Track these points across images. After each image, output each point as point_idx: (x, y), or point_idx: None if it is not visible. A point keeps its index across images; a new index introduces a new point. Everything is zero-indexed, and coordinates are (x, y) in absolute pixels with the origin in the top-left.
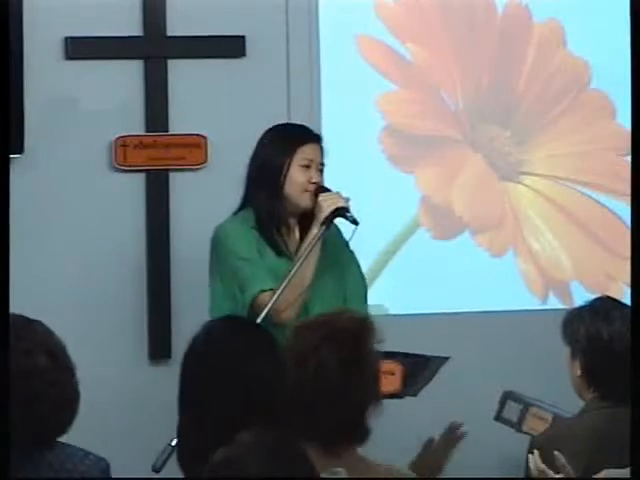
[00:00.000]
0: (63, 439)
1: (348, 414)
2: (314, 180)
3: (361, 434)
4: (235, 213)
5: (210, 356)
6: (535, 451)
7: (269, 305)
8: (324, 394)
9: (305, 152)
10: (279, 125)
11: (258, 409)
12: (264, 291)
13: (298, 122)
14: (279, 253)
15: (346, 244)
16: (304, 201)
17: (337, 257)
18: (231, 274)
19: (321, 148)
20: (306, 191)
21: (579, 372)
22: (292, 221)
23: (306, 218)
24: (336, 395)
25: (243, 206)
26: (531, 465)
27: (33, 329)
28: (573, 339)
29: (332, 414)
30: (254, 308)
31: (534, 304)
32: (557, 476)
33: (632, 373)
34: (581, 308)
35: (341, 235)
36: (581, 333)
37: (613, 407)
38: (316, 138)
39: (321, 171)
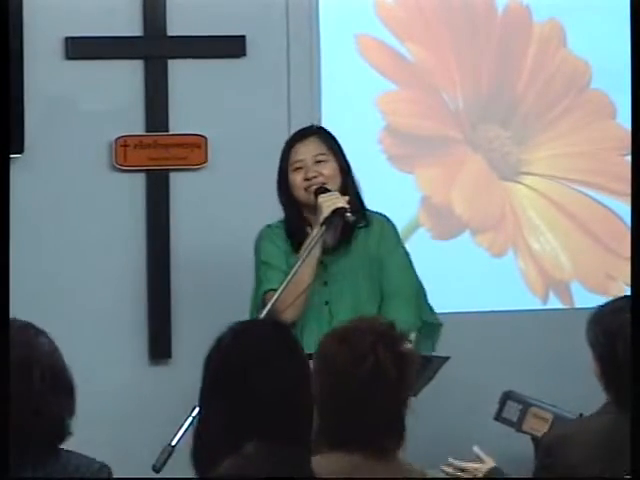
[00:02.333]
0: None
1: (397, 414)
2: (307, 176)
3: (402, 434)
4: (281, 219)
5: (238, 356)
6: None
7: (268, 306)
8: (380, 394)
9: (294, 153)
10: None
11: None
12: (271, 290)
13: (298, 122)
14: None
15: (393, 240)
16: (310, 200)
17: (377, 253)
18: (256, 274)
19: (319, 140)
20: (306, 190)
21: (599, 373)
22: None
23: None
24: (393, 394)
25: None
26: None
27: (38, 343)
28: (593, 339)
29: (385, 415)
30: (262, 307)
31: (534, 304)
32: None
33: (633, 372)
34: (603, 307)
35: (387, 231)
36: (598, 335)
37: (625, 413)
38: (305, 134)
39: (322, 161)
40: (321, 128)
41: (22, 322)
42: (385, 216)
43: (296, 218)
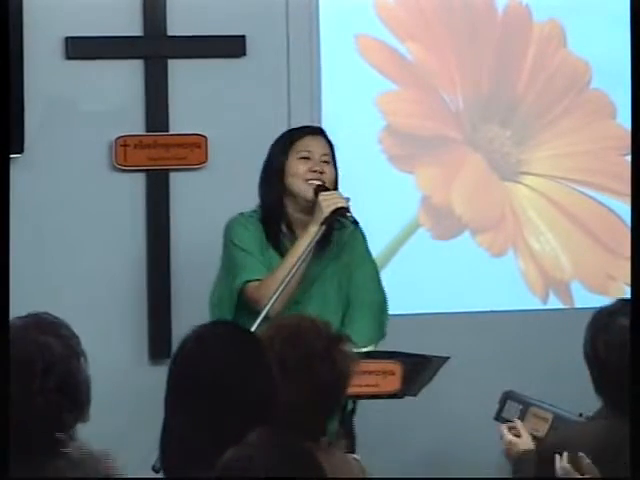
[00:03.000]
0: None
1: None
2: (315, 168)
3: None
4: (254, 209)
5: (199, 359)
6: (564, 454)
7: (268, 307)
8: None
9: (303, 144)
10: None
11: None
12: (251, 281)
13: (298, 122)
14: (282, 254)
15: (364, 251)
16: (307, 192)
17: (348, 262)
18: (228, 260)
19: (325, 141)
20: (307, 181)
21: (593, 377)
22: (301, 216)
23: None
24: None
25: (259, 206)
26: (557, 466)
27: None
28: (587, 345)
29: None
30: (241, 296)
31: (534, 304)
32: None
33: (631, 373)
34: (600, 312)
35: (359, 241)
36: (586, 340)
37: (619, 417)
38: (316, 131)
39: (326, 162)
40: (325, 133)
41: (59, 320)
42: (357, 223)
43: (278, 208)
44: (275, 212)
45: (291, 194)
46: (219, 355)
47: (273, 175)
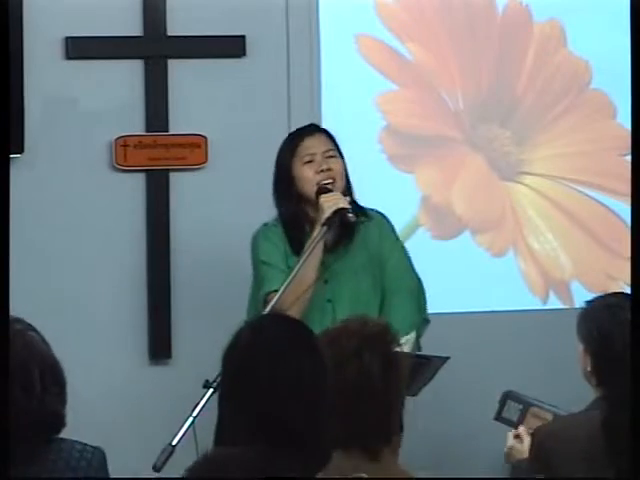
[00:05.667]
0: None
1: (387, 415)
2: (321, 168)
3: (390, 436)
4: (276, 217)
5: (258, 350)
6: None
7: (268, 307)
8: (367, 396)
9: (304, 147)
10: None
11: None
12: (274, 291)
13: (298, 122)
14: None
15: (392, 237)
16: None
17: (377, 251)
18: (256, 274)
19: (325, 136)
20: (317, 184)
21: (589, 368)
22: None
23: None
24: (379, 396)
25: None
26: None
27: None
28: (586, 334)
29: (374, 415)
30: (266, 306)
31: (534, 304)
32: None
33: (632, 372)
34: (596, 303)
35: (385, 227)
36: (594, 329)
37: (615, 409)
38: (312, 130)
39: (331, 157)
40: (323, 128)
41: (12, 317)
42: (381, 213)
43: (298, 215)
44: (293, 220)
45: (307, 199)
46: (274, 345)
47: (283, 184)
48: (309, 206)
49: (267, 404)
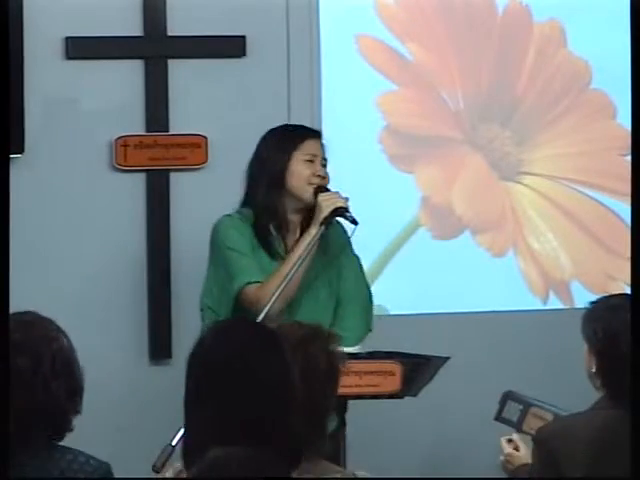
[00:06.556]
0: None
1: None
2: (319, 173)
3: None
4: (238, 210)
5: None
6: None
7: (267, 307)
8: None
9: (308, 147)
10: (279, 126)
11: (270, 407)
12: (250, 283)
13: (298, 122)
14: (272, 255)
15: (349, 247)
16: (308, 195)
17: (336, 259)
18: (222, 263)
19: (322, 144)
20: (310, 184)
21: (594, 368)
22: (295, 218)
23: (310, 216)
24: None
25: (244, 205)
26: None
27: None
28: (591, 335)
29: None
30: (240, 299)
31: (534, 304)
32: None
33: (632, 372)
34: (600, 304)
35: (343, 237)
36: (598, 331)
37: (619, 409)
38: (317, 134)
39: (324, 166)
40: (321, 134)
41: (44, 317)
42: (355, 222)
43: (276, 207)
44: (270, 213)
45: (292, 195)
46: (237, 342)
47: (273, 176)
48: (288, 202)
49: (235, 406)
